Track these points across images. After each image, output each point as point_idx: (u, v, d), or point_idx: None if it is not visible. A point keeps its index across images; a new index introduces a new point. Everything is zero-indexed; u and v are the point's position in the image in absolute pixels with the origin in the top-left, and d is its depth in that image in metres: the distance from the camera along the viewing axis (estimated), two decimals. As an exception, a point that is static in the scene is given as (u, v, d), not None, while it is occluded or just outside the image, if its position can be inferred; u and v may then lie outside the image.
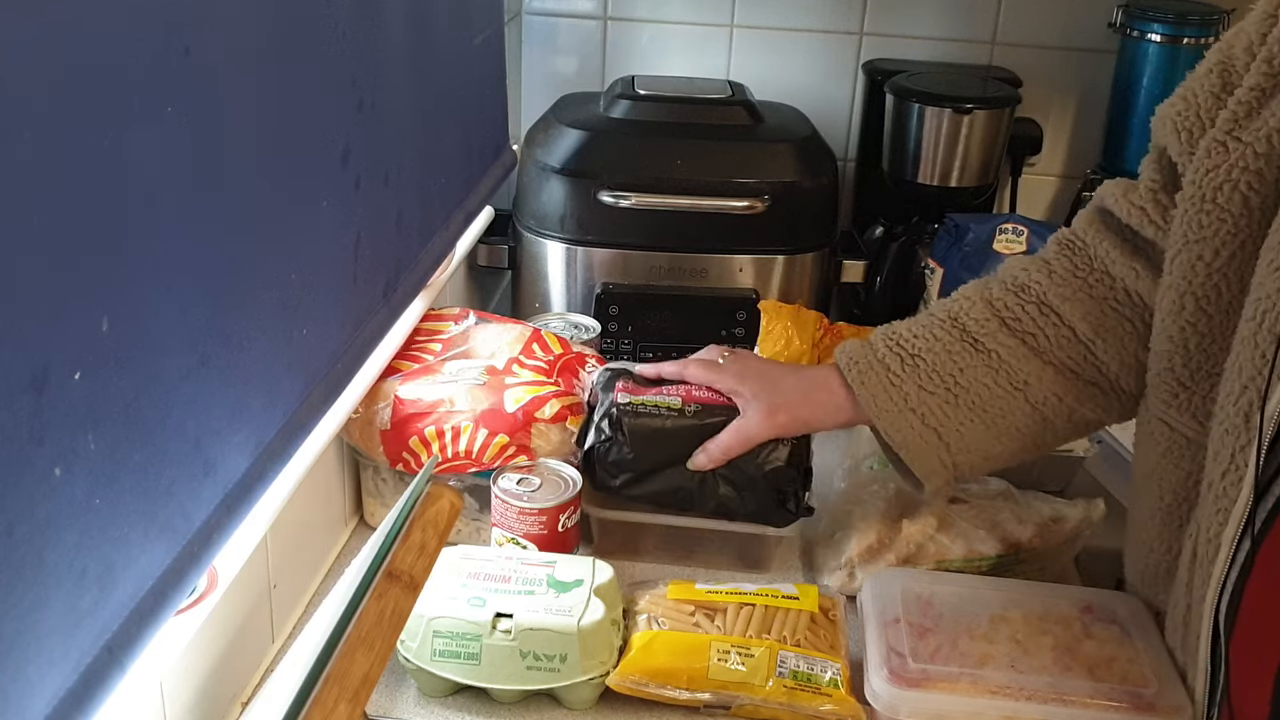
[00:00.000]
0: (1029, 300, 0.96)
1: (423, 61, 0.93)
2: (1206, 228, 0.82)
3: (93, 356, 0.49)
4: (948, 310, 0.98)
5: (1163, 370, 0.88)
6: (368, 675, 0.64)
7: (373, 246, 0.84)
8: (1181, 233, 0.84)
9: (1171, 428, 0.88)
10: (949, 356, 0.96)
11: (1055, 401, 0.96)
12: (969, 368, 0.95)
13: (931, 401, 0.96)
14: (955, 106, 1.47)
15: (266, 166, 0.66)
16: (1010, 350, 0.95)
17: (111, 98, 0.49)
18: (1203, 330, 0.84)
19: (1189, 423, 0.87)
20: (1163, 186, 0.90)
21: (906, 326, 0.99)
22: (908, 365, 0.96)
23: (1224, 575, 0.78)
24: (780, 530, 1.04)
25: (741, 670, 0.88)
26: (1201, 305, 0.84)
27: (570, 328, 1.29)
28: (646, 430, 1.02)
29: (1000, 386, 0.95)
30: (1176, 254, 0.85)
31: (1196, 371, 0.85)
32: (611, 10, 1.67)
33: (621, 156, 1.38)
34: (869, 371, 0.97)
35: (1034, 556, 1.06)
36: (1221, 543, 0.78)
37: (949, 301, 1.00)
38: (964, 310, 0.97)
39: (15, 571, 0.45)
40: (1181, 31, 1.52)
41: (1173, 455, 0.88)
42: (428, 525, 0.75)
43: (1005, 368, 0.95)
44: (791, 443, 1.02)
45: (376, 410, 1.03)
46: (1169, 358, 0.87)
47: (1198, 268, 0.83)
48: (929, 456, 0.96)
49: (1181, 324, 0.85)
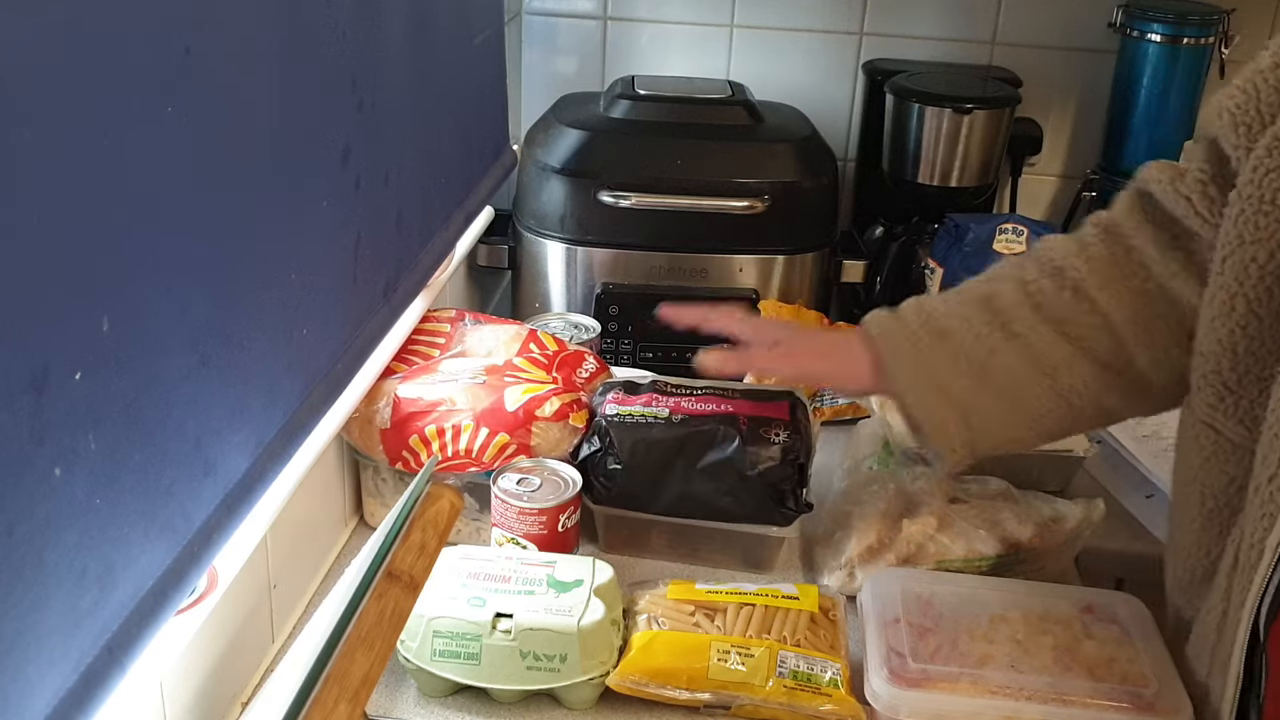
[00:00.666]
0: (1065, 285, 0.94)
1: (423, 61, 0.93)
2: (1264, 229, 0.80)
3: (93, 356, 0.49)
4: (981, 290, 0.96)
5: (1209, 373, 0.85)
6: (368, 675, 0.64)
7: (373, 246, 0.84)
8: (1237, 233, 0.81)
9: (1218, 432, 0.86)
10: (979, 339, 0.94)
11: (1082, 389, 0.94)
12: (999, 350, 0.93)
13: (959, 382, 0.94)
14: (955, 106, 1.47)
15: (267, 166, 0.66)
16: (1041, 336, 0.93)
17: (112, 97, 0.49)
18: (1253, 334, 0.82)
19: (1235, 428, 0.84)
20: (1212, 178, 0.87)
21: (939, 302, 0.97)
22: (938, 343, 0.95)
23: (1266, 580, 0.76)
24: (783, 530, 1.04)
25: (741, 670, 0.88)
26: (1253, 308, 0.81)
27: (570, 328, 1.29)
28: (636, 440, 1.03)
29: (1028, 372, 0.93)
30: (1230, 254, 0.82)
31: (1245, 375, 0.83)
32: (611, 10, 1.67)
33: (621, 156, 1.38)
34: (901, 345, 0.96)
35: (1034, 556, 1.06)
36: (1265, 548, 0.76)
37: (983, 280, 0.98)
38: (997, 292, 0.95)
39: (15, 571, 0.45)
40: (1181, 31, 1.52)
41: (1218, 460, 0.86)
42: (428, 525, 0.75)
43: (1035, 353, 0.93)
44: (783, 442, 1.03)
45: (376, 409, 1.04)
46: (1217, 360, 0.84)
47: (1251, 269, 0.81)
48: (950, 435, 0.95)
49: (1231, 326, 0.83)
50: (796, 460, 1.03)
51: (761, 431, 1.04)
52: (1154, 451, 1.20)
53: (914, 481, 1.09)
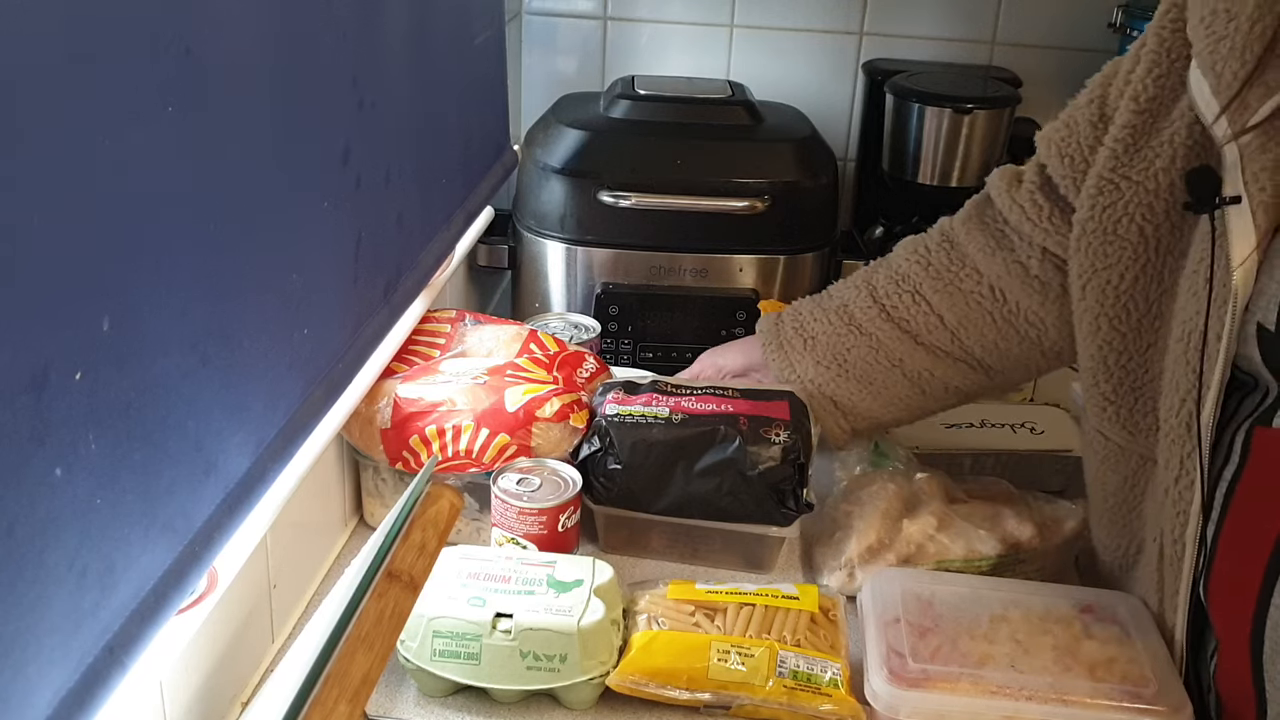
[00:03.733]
0: (905, 289, 1.10)
1: (423, 61, 0.94)
2: (1111, 256, 0.91)
3: (93, 356, 0.49)
4: (841, 298, 1.14)
5: (1090, 386, 0.96)
6: (368, 675, 0.64)
7: (373, 246, 0.84)
8: (1090, 262, 0.93)
9: (1106, 438, 0.96)
10: (838, 339, 1.12)
11: (929, 375, 1.10)
12: (854, 348, 1.11)
13: (825, 375, 1.12)
14: (955, 106, 1.47)
15: (267, 166, 0.66)
16: (886, 333, 1.10)
17: (112, 97, 0.49)
18: (1119, 348, 0.93)
19: (1120, 433, 0.95)
20: (1040, 187, 1.02)
21: (809, 308, 1.15)
22: (807, 345, 1.13)
23: (1194, 565, 0.86)
24: (783, 530, 1.05)
25: (741, 670, 0.88)
26: (1115, 325, 0.92)
27: (570, 328, 1.29)
28: (636, 440, 1.03)
29: (880, 364, 1.11)
30: (1087, 281, 0.93)
31: (1119, 386, 0.93)
32: (611, 10, 1.67)
33: (621, 156, 1.38)
34: (777, 350, 1.15)
35: (1034, 556, 1.06)
36: (1186, 541, 0.86)
37: (844, 287, 1.15)
38: (852, 299, 1.12)
39: (16, 571, 0.45)
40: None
41: (1110, 462, 0.97)
42: (428, 525, 0.75)
43: (883, 348, 1.10)
44: (784, 442, 1.03)
45: (377, 409, 1.04)
46: (1093, 375, 0.95)
47: (1107, 291, 0.92)
48: (828, 420, 1.13)
49: (1099, 343, 0.94)
50: (797, 460, 1.03)
51: (762, 431, 1.04)
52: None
53: (914, 481, 1.09)
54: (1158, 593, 0.92)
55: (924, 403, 1.13)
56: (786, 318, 1.17)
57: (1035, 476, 1.20)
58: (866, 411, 1.12)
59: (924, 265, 1.10)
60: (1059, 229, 1.01)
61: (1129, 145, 0.90)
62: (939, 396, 1.12)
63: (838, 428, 1.13)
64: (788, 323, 1.16)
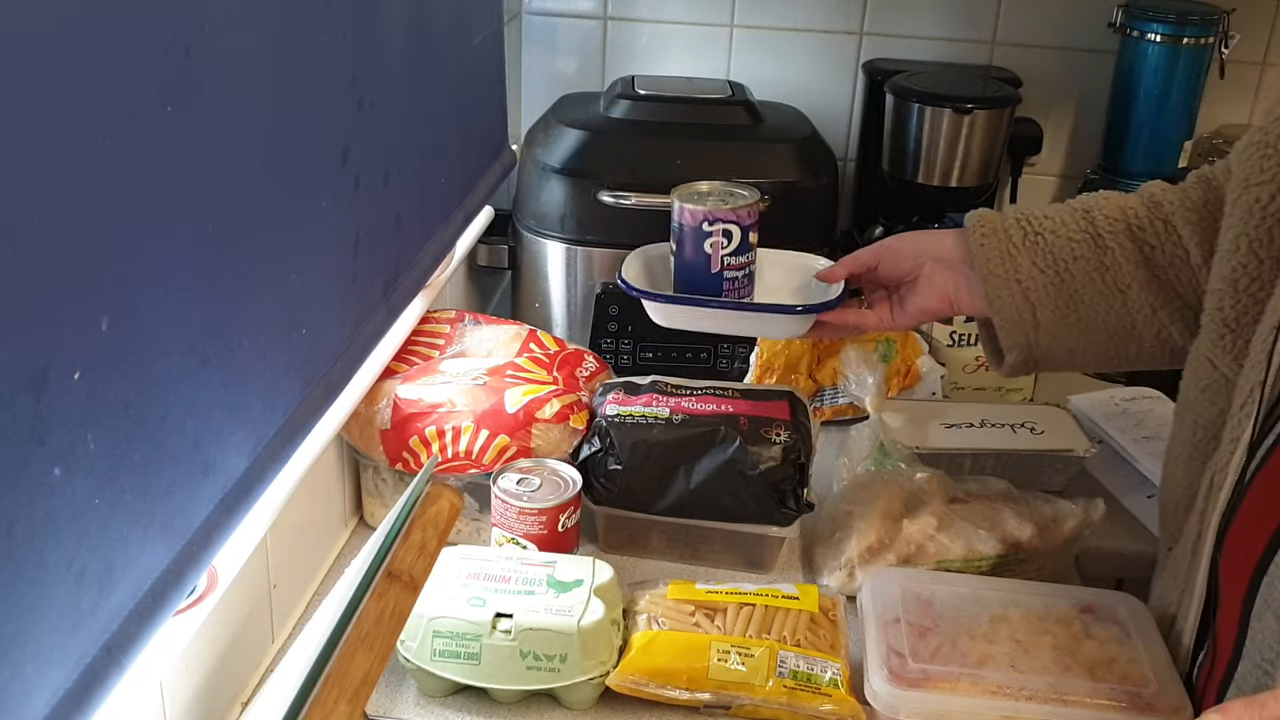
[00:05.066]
0: (1158, 216, 0.99)
1: (423, 61, 0.93)
2: (1266, 171, 0.84)
3: (93, 356, 0.49)
4: (1083, 203, 1.02)
5: (1214, 309, 0.90)
6: (368, 675, 0.64)
7: (372, 246, 0.84)
8: (1244, 175, 0.86)
9: (1214, 366, 0.90)
10: (1069, 242, 0.99)
11: (1149, 313, 0.99)
12: (1082, 257, 0.99)
13: (1039, 279, 0.99)
14: (955, 106, 1.47)
15: (266, 166, 0.66)
16: (1126, 253, 0.98)
17: (111, 97, 0.49)
18: (1252, 273, 0.86)
19: (1230, 364, 0.88)
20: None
21: (1040, 208, 1.03)
22: (1029, 240, 1.00)
23: (1226, 502, 0.81)
24: (784, 530, 1.05)
25: (741, 670, 0.88)
26: (1254, 248, 0.85)
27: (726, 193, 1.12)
28: (636, 440, 1.03)
29: (1106, 283, 0.99)
30: (1238, 196, 0.87)
31: (1243, 315, 0.87)
32: (611, 10, 1.67)
33: (621, 156, 1.38)
34: (991, 235, 1.01)
35: (1034, 556, 1.06)
36: (1229, 470, 0.82)
37: (1088, 196, 1.03)
38: (1097, 205, 1.01)
39: (15, 571, 0.45)
40: (1181, 31, 1.52)
41: (1210, 392, 0.90)
42: (428, 525, 0.75)
43: (1116, 266, 0.98)
44: (784, 442, 1.03)
45: (377, 410, 1.04)
46: (1220, 297, 0.89)
47: (1254, 210, 0.85)
48: (1018, 331, 1.00)
49: (1234, 264, 0.87)
50: (797, 460, 1.03)
51: (762, 431, 1.04)
52: (1154, 452, 1.20)
53: (914, 481, 1.09)
54: (1199, 524, 0.87)
55: (1128, 346, 1.01)
56: (1009, 209, 1.05)
57: (1035, 476, 1.20)
58: (1065, 335, 1.00)
59: (1181, 198, 0.99)
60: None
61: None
62: (1146, 344, 1.01)
63: (1026, 344, 1.01)
64: (1011, 213, 1.03)
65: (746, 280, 1.08)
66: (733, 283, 1.07)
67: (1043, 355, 1.02)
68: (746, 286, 1.08)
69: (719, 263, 1.05)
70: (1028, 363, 1.02)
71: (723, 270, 1.06)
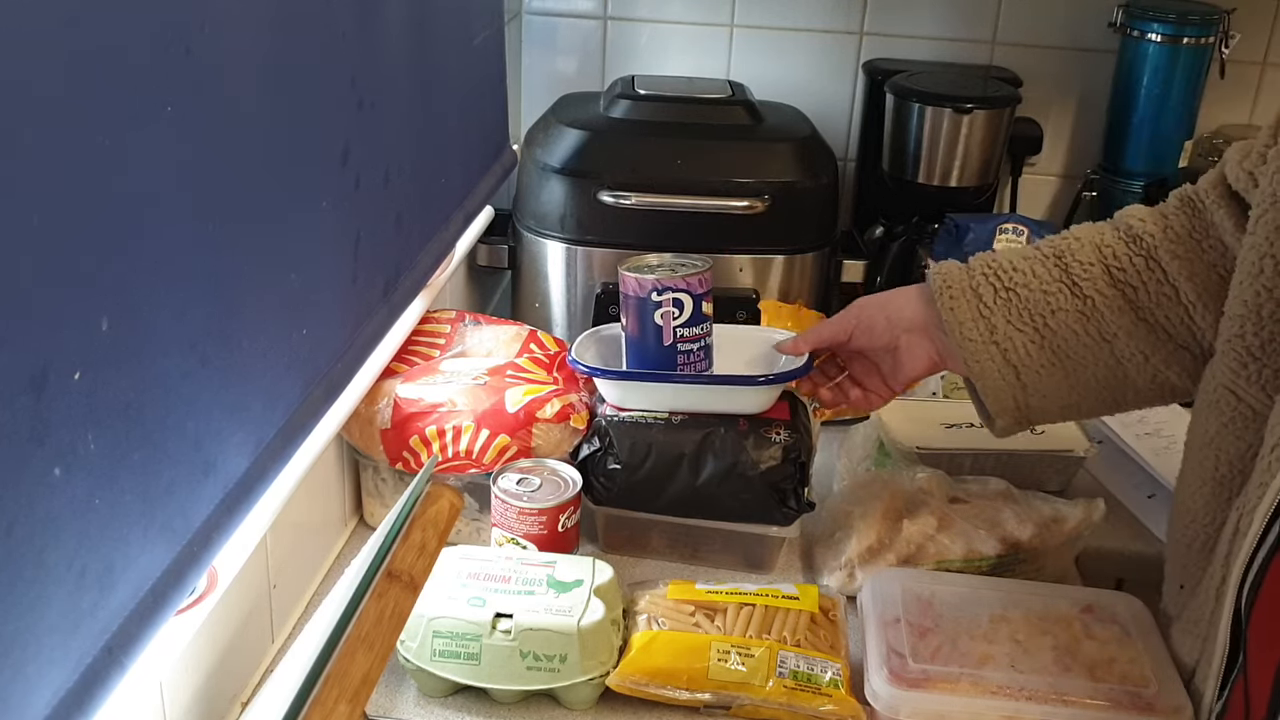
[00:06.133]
0: (1138, 252, 0.93)
1: (423, 61, 0.93)
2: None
3: (93, 356, 0.49)
4: (1055, 247, 0.96)
5: (1234, 336, 0.84)
6: (368, 675, 0.64)
7: (372, 246, 0.84)
8: (1271, 191, 0.80)
9: (1239, 398, 0.84)
10: (1045, 295, 0.94)
11: (1141, 360, 0.93)
12: (1061, 310, 0.93)
13: (1018, 339, 0.94)
14: (955, 106, 1.47)
15: (266, 166, 0.66)
16: (1107, 300, 0.93)
17: (111, 97, 0.49)
18: (1278, 298, 0.80)
19: (1257, 394, 0.83)
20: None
21: (1009, 258, 0.96)
22: (1000, 297, 0.94)
23: (1251, 552, 0.76)
24: (784, 530, 1.04)
25: (741, 670, 0.88)
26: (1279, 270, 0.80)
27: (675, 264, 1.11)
28: (635, 440, 1.03)
29: (1089, 335, 0.93)
30: (1263, 213, 0.81)
31: (1269, 342, 0.81)
32: (611, 10, 1.67)
33: (621, 156, 1.38)
34: (960, 296, 0.95)
35: (1034, 556, 1.06)
36: (1255, 518, 0.76)
37: (1059, 238, 0.97)
38: (1070, 250, 0.95)
39: (15, 571, 0.45)
40: (1181, 31, 1.52)
41: (1235, 426, 0.85)
42: (428, 525, 0.75)
43: (1098, 316, 0.93)
44: (784, 441, 1.03)
45: (377, 409, 1.04)
46: (1241, 323, 0.83)
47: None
48: (1004, 394, 0.95)
49: (1258, 288, 0.81)
50: (798, 459, 1.03)
51: (762, 431, 1.04)
52: (1155, 449, 1.20)
53: (914, 481, 1.09)
54: (1223, 569, 0.82)
55: (1123, 393, 0.96)
56: (975, 263, 0.97)
57: (1035, 476, 1.20)
58: (1054, 392, 0.95)
59: (1162, 227, 0.92)
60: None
61: None
62: (1142, 389, 0.96)
63: (1015, 406, 0.96)
64: (977, 267, 0.96)
65: (703, 354, 1.05)
66: (688, 356, 1.04)
67: (1035, 414, 0.97)
68: (703, 361, 1.05)
69: (671, 334, 1.03)
70: (1020, 423, 0.98)
71: (676, 343, 1.03)
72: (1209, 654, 0.83)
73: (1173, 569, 0.94)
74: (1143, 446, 1.22)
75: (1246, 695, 0.78)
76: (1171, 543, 0.95)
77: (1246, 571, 0.77)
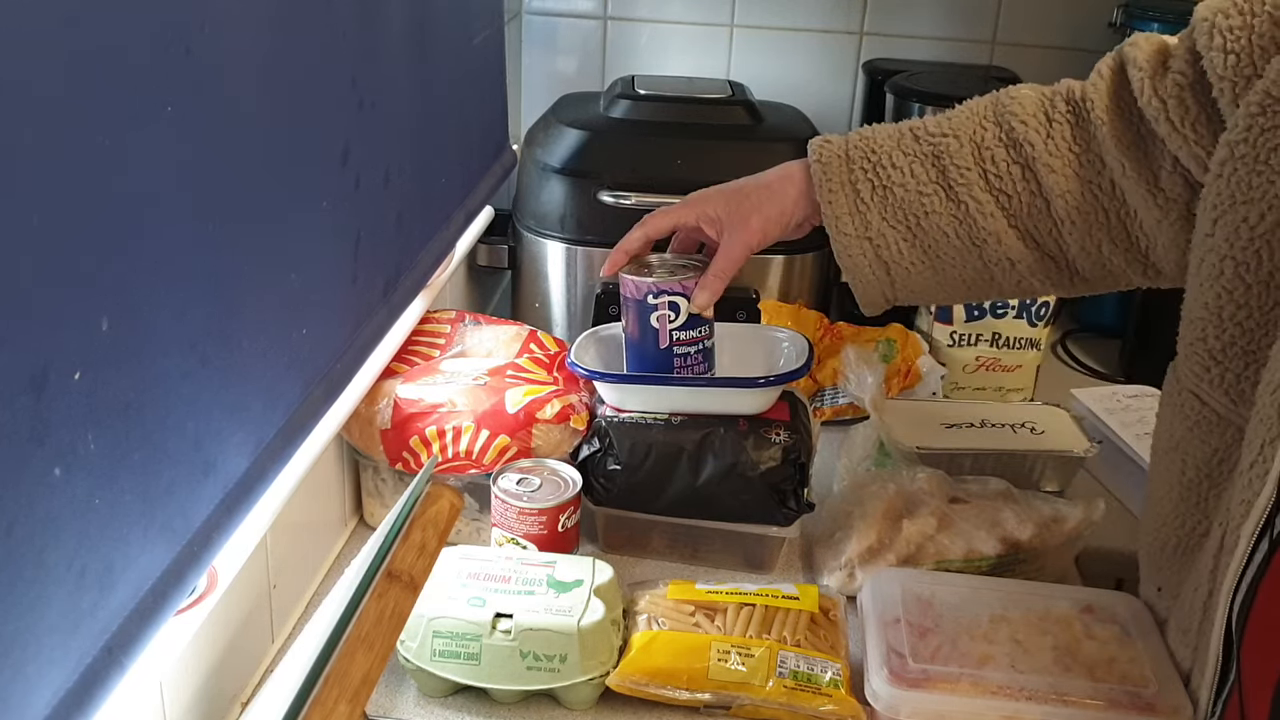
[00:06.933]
0: (1016, 159, 0.93)
1: (423, 61, 0.93)
2: (1256, 189, 0.77)
3: (93, 356, 0.49)
4: (934, 145, 0.95)
5: (1195, 340, 0.84)
6: (368, 675, 0.64)
7: (372, 246, 0.84)
8: (1229, 192, 0.79)
9: (1203, 402, 0.84)
10: (920, 196, 0.94)
11: (1008, 265, 0.95)
12: (934, 213, 0.94)
13: (890, 235, 0.96)
14: (955, 106, 1.47)
15: (266, 166, 0.66)
16: (980, 206, 0.94)
17: (111, 97, 0.49)
18: (1239, 300, 0.80)
19: (1220, 399, 0.83)
20: (1190, 85, 0.84)
21: (888, 148, 0.96)
22: (877, 194, 0.95)
23: (1240, 570, 0.75)
24: (784, 530, 1.05)
25: (741, 670, 0.88)
26: (1240, 273, 0.79)
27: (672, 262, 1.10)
28: (635, 440, 1.03)
29: (960, 238, 0.95)
30: (1222, 214, 0.80)
31: (1230, 346, 0.81)
32: (611, 10, 1.67)
33: (621, 156, 1.38)
34: (839, 190, 0.96)
35: (1034, 556, 1.06)
36: (1241, 536, 0.75)
37: (939, 130, 0.96)
38: (949, 151, 0.94)
39: (15, 571, 0.45)
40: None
41: (1200, 430, 0.85)
42: (428, 525, 0.75)
43: (970, 221, 0.94)
44: (784, 442, 1.03)
45: (377, 410, 1.04)
46: (1203, 326, 0.83)
47: (1241, 231, 0.78)
48: (873, 288, 0.98)
49: (1218, 290, 0.80)
50: (798, 460, 1.03)
51: (762, 431, 1.04)
52: (1154, 450, 1.20)
53: (914, 481, 1.09)
54: (1209, 583, 0.82)
55: (984, 291, 0.99)
56: (856, 151, 0.96)
57: (1035, 476, 1.20)
58: (917, 286, 0.98)
59: (1043, 135, 0.92)
60: (1200, 140, 0.84)
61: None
62: (1005, 289, 0.98)
63: (882, 299, 0.99)
64: (857, 158, 0.96)
65: (701, 357, 1.04)
66: (684, 359, 1.03)
67: (899, 300, 1.00)
68: (702, 364, 1.04)
69: (667, 338, 1.02)
70: (883, 307, 1.01)
71: (672, 346, 1.03)
72: (1201, 664, 0.83)
73: (1147, 571, 0.95)
74: (1143, 446, 1.22)
75: (1242, 709, 0.78)
76: (1144, 545, 0.95)
77: (1236, 590, 0.76)
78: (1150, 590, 0.95)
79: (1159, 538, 0.91)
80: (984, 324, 1.36)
